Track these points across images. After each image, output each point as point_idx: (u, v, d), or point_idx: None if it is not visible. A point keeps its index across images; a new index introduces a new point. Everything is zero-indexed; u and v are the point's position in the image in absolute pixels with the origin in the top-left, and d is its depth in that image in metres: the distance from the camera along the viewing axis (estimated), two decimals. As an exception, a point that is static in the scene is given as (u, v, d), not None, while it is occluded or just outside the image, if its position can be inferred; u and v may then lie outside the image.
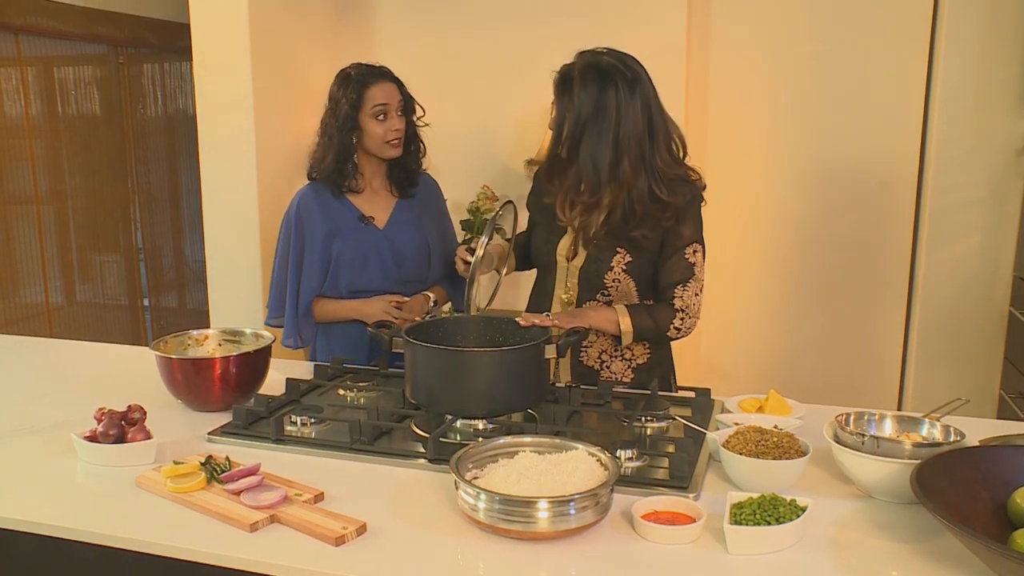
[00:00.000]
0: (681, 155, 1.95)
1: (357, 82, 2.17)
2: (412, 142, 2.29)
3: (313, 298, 2.26)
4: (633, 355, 2.02)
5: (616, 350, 2.01)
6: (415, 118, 2.29)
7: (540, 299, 2.10)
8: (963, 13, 3.08)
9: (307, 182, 2.30)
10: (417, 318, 2.18)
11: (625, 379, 2.02)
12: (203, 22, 3.14)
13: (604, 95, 1.83)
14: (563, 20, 3.41)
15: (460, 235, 3.42)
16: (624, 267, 1.94)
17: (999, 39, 3.09)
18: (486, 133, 3.58)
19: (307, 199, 2.25)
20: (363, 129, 2.19)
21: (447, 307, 2.52)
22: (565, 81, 1.88)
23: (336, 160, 2.21)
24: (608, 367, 2.02)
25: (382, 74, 2.21)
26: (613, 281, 1.96)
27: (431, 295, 2.33)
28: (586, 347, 2.01)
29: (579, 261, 1.99)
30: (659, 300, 1.97)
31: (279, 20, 3.26)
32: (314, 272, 2.24)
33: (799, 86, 3.32)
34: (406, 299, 2.24)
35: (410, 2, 3.59)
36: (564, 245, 2.02)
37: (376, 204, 2.29)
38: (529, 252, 2.18)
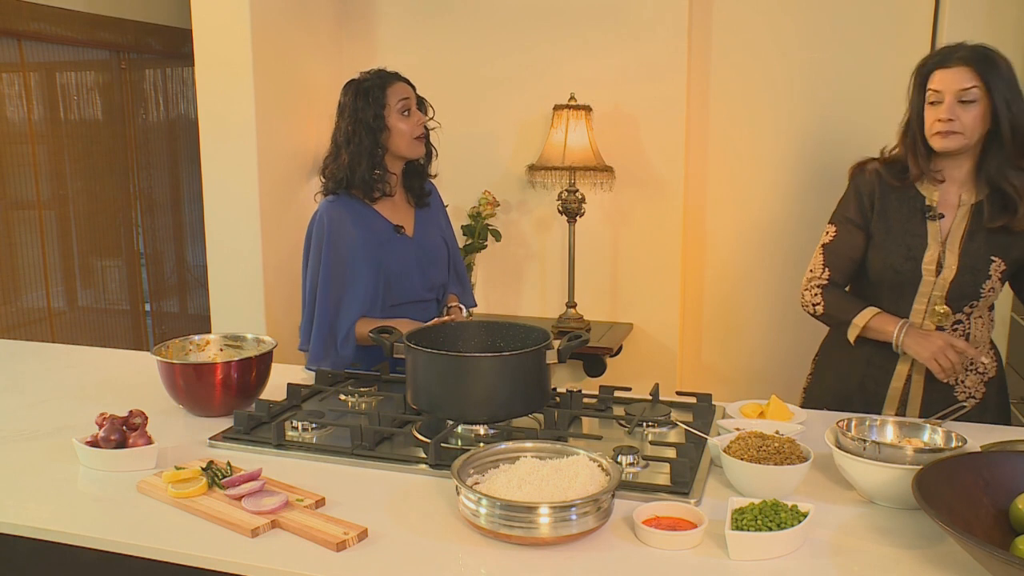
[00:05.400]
0: None
1: (376, 85, 2.15)
2: (427, 142, 2.28)
3: (359, 318, 2.13)
4: (986, 368, 1.99)
5: (972, 364, 1.96)
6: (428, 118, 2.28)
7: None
8: (963, 19, 3.08)
9: (315, 191, 2.24)
10: None
11: (976, 395, 1.98)
12: (205, 28, 3.16)
13: (1015, 81, 1.84)
14: (564, 30, 3.43)
15: (461, 240, 3.42)
16: (1000, 275, 1.89)
17: (999, 45, 3.09)
18: (487, 139, 3.59)
19: (338, 213, 2.13)
20: (390, 129, 2.14)
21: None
22: (989, 60, 1.85)
23: (371, 165, 2.13)
24: (962, 382, 1.97)
25: (396, 75, 2.21)
26: (990, 290, 1.90)
27: (462, 308, 2.32)
28: None
29: (949, 274, 1.89)
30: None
31: (281, 26, 3.27)
32: (363, 290, 2.12)
33: (800, 93, 3.32)
34: (460, 318, 2.21)
35: (411, 11, 3.61)
36: (931, 258, 1.90)
37: (399, 213, 2.25)
38: (862, 268, 2.02)
